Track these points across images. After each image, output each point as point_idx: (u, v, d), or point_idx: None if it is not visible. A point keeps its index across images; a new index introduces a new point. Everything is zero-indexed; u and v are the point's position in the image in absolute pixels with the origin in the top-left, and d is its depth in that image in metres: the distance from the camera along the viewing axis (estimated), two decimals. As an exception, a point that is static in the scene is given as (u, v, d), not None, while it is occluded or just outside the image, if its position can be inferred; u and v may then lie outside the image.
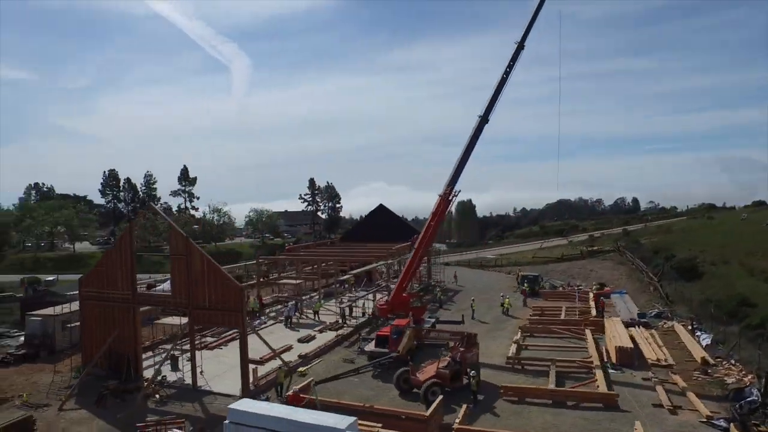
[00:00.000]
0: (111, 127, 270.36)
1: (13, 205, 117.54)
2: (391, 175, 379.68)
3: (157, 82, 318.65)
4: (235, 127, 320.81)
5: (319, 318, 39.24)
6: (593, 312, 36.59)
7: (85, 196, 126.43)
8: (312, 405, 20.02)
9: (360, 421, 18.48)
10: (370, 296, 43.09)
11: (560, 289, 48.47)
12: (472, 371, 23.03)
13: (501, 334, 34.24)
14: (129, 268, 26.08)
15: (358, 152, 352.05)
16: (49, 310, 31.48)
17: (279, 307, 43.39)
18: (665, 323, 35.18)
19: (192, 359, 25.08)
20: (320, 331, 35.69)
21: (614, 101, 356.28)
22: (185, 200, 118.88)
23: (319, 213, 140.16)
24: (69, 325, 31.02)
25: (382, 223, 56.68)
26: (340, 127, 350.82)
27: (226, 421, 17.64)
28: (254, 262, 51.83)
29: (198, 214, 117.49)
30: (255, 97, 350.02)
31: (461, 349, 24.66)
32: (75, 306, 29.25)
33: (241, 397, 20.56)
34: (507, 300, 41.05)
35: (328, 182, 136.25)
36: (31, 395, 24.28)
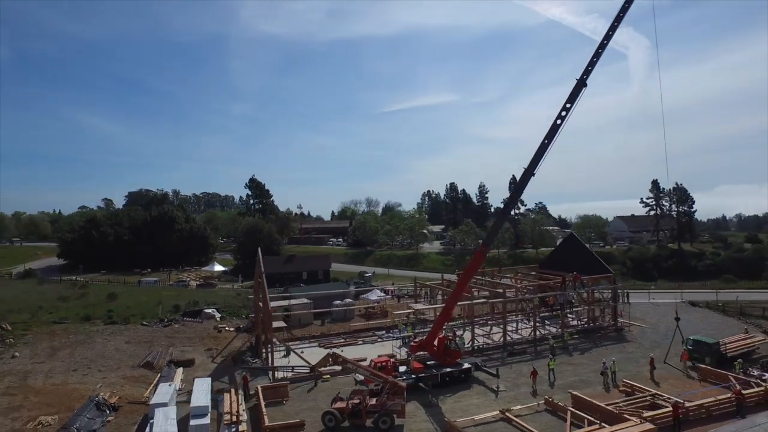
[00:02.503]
0: (516, 131, 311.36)
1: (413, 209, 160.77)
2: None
3: (554, 83, 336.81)
4: (635, 116, 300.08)
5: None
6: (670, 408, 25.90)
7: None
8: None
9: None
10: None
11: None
12: None
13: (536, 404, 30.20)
14: (262, 287, 42.19)
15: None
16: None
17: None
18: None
19: (271, 351, 38.43)
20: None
21: None
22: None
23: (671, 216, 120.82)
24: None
25: (573, 253, 51.01)
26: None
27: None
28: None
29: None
30: (656, 80, 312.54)
31: (382, 395, 27.18)
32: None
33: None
34: (613, 363, 33.51)
35: (677, 183, 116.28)
36: (217, 350, 43.76)
